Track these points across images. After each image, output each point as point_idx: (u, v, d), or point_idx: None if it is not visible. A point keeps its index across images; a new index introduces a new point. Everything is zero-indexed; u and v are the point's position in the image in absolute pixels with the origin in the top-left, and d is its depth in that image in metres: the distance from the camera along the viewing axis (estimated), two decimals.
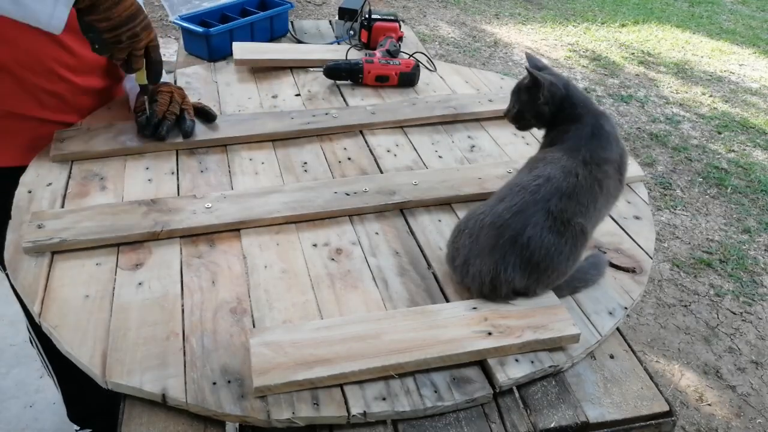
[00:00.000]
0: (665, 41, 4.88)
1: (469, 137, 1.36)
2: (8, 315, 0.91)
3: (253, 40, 1.78)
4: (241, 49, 1.59)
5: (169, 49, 3.93)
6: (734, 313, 2.37)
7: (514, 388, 0.84)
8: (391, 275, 0.98)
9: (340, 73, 1.50)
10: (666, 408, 0.83)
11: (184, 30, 1.70)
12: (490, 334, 0.85)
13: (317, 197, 1.11)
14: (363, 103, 1.47)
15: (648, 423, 0.82)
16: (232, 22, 1.71)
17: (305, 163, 1.25)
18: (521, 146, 1.33)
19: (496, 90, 1.56)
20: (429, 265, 1.01)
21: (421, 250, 1.04)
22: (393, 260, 1.01)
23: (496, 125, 1.40)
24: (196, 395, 0.78)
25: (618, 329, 0.95)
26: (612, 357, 0.90)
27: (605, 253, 1.06)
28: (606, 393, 0.85)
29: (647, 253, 1.07)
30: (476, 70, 1.65)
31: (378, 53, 1.54)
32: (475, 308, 0.89)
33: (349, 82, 1.53)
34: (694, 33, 5.12)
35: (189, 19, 1.69)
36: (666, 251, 2.65)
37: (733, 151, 3.45)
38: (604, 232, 1.11)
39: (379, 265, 1.00)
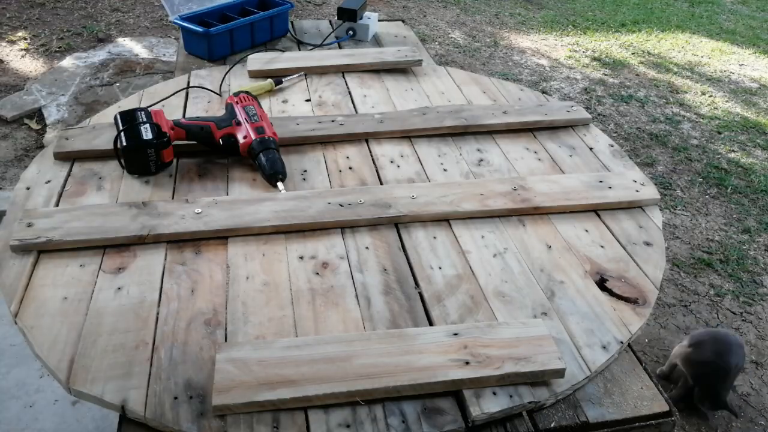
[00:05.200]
0: (665, 41, 4.82)
1: (478, 150, 1.31)
2: (8, 315, 0.91)
3: (253, 40, 1.77)
4: (255, 61, 1.57)
5: (169, 49, 3.99)
6: (734, 313, 2.36)
7: None
8: (375, 293, 0.95)
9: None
10: (666, 408, 0.82)
11: (184, 30, 1.70)
12: (467, 363, 0.81)
13: (309, 207, 1.08)
14: (373, 110, 1.43)
15: (648, 423, 0.82)
16: (232, 22, 1.71)
17: (305, 171, 1.22)
18: (532, 162, 1.28)
19: (514, 101, 1.50)
20: (417, 285, 0.97)
21: (411, 269, 1.00)
22: (380, 277, 0.98)
23: (508, 138, 1.35)
24: (155, 409, 0.76)
25: None
26: None
27: (607, 280, 1.00)
28: (606, 393, 0.84)
29: (654, 284, 1.00)
30: (495, 80, 1.60)
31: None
32: (456, 334, 0.85)
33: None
34: (694, 33, 5.06)
35: (189, 19, 1.69)
36: (666, 251, 2.65)
37: (733, 151, 3.46)
38: (609, 257, 1.05)
39: (365, 281, 0.97)
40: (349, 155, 1.27)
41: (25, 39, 4.10)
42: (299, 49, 1.82)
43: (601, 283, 0.99)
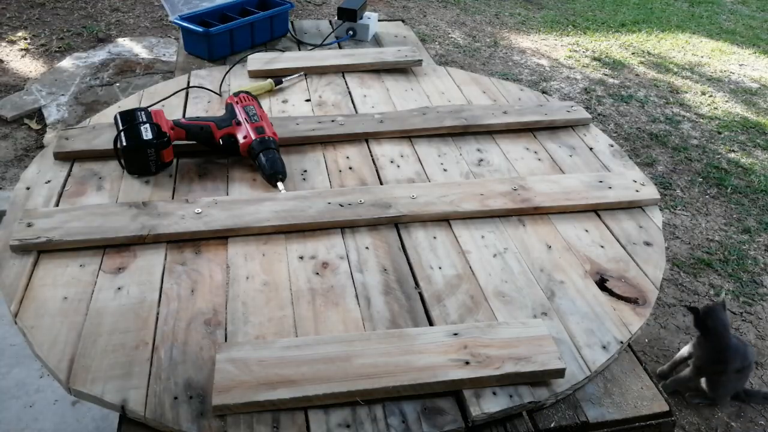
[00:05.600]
0: (665, 41, 4.86)
1: (478, 150, 1.31)
2: (8, 315, 0.91)
3: (253, 40, 1.78)
4: (256, 61, 1.58)
5: (169, 49, 3.99)
6: (734, 313, 2.37)
7: None
8: (375, 293, 0.95)
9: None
10: (666, 408, 0.82)
11: (184, 30, 1.71)
12: (467, 363, 0.81)
13: (309, 207, 1.08)
14: (373, 110, 1.43)
15: (648, 423, 0.82)
16: (232, 22, 1.72)
17: (305, 171, 1.22)
18: (532, 162, 1.28)
19: (514, 101, 1.50)
20: (417, 285, 0.97)
21: (411, 268, 1.00)
22: (380, 277, 0.98)
23: (508, 138, 1.35)
24: (155, 409, 0.76)
25: None
26: None
27: (607, 280, 1.00)
28: (606, 393, 0.84)
29: (654, 284, 1.00)
30: (495, 80, 1.60)
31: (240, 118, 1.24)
32: (456, 334, 0.85)
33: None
34: (694, 33, 5.10)
35: (189, 19, 1.70)
36: (666, 251, 2.67)
37: (733, 151, 3.49)
38: (609, 257, 1.05)
39: (365, 281, 0.97)
40: (349, 155, 1.27)
41: (25, 39, 4.10)
42: (299, 49, 1.83)
43: (601, 283, 0.99)
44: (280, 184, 1.15)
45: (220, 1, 1.83)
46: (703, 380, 1.87)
